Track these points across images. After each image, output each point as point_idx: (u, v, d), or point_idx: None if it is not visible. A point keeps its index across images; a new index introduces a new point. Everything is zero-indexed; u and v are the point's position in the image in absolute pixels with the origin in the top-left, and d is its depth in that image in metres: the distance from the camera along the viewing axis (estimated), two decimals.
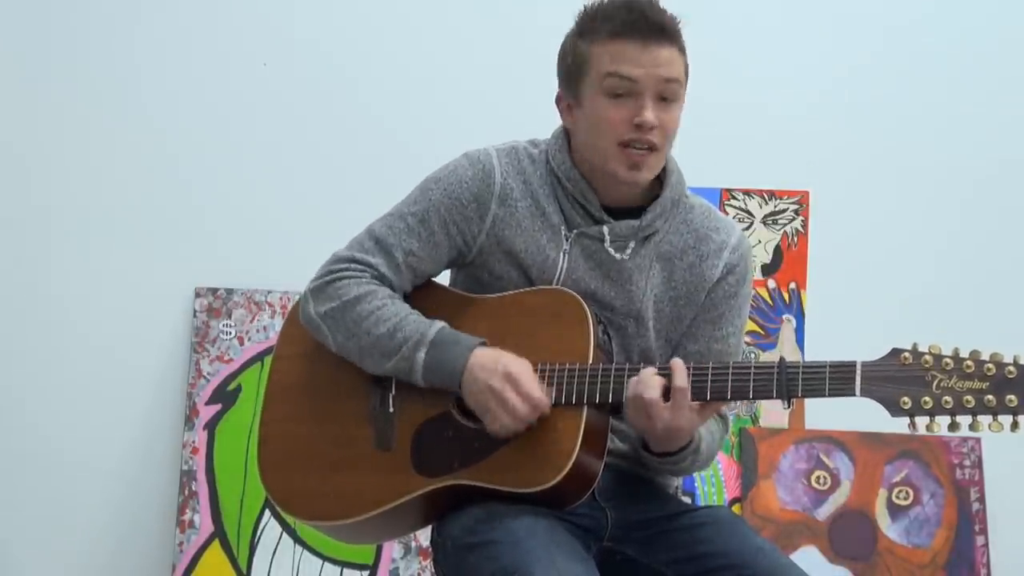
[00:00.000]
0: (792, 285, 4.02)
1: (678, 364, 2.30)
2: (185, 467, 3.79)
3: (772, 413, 3.94)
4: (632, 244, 2.48)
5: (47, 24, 3.94)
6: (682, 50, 2.43)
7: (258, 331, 3.87)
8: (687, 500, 3.18)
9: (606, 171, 2.43)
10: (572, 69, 2.46)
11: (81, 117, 3.92)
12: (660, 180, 2.51)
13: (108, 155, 3.93)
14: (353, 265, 2.49)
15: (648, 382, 2.30)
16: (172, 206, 3.93)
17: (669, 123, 2.42)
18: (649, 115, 2.38)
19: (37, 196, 3.91)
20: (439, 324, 2.41)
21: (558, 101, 2.52)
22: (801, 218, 4.04)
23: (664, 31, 2.40)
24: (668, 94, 2.41)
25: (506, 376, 2.32)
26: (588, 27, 2.44)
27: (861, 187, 4.07)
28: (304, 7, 4.02)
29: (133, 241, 3.92)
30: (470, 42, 4.01)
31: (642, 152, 2.40)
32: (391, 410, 2.45)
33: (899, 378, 2.19)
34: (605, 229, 2.46)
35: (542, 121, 2.59)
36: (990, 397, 2.15)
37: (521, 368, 2.34)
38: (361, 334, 2.43)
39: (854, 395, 2.21)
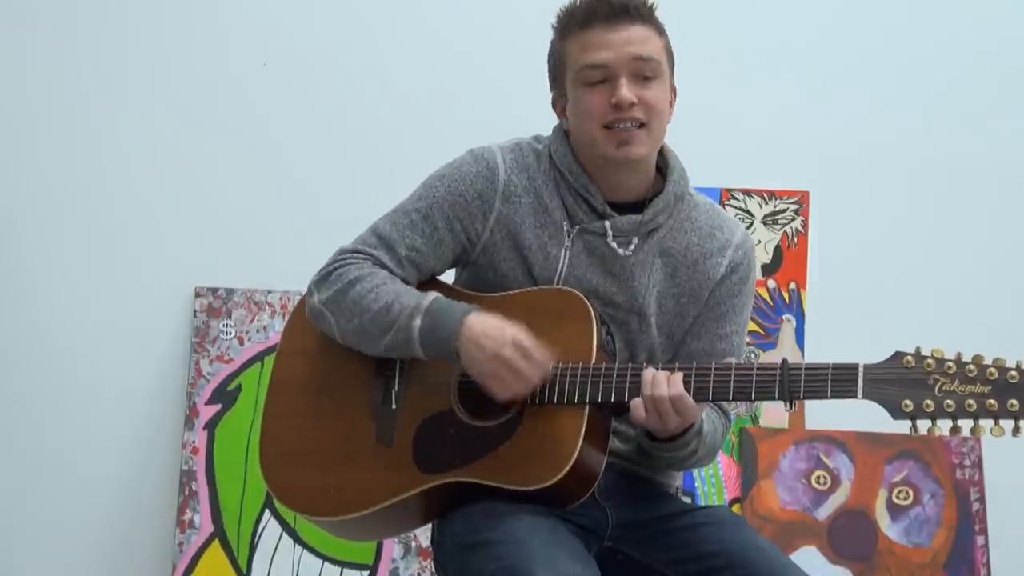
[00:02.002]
0: (792, 285, 4.02)
1: (674, 378, 2.31)
2: (185, 467, 3.78)
3: (772, 413, 3.94)
4: (635, 240, 2.48)
5: (47, 23, 3.93)
6: (658, 30, 2.46)
7: (258, 331, 3.87)
8: (687, 500, 3.19)
9: (599, 155, 2.45)
10: (556, 69, 2.51)
11: (80, 116, 3.92)
12: (663, 176, 2.52)
13: (108, 155, 3.92)
14: (355, 255, 2.50)
15: (661, 381, 2.31)
16: (172, 206, 3.92)
17: (650, 98, 2.42)
18: (624, 92, 2.40)
19: (37, 196, 3.90)
20: (434, 294, 2.43)
21: (553, 104, 2.55)
22: (801, 218, 4.04)
23: (628, 10, 2.43)
24: (644, 72, 2.42)
25: (516, 345, 2.33)
26: (562, 25, 2.49)
27: (861, 187, 4.07)
28: (304, 7, 4.01)
29: (133, 241, 3.91)
30: (471, 41, 4.00)
31: (628, 129, 2.41)
32: (393, 406, 2.45)
33: (901, 381, 2.19)
34: (607, 224, 2.47)
35: (545, 119, 2.59)
36: (992, 401, 2.16)
37: (525, 335, 2.35)
38: (361, 312, 2.43)
39: (856, 397, 2.22)
